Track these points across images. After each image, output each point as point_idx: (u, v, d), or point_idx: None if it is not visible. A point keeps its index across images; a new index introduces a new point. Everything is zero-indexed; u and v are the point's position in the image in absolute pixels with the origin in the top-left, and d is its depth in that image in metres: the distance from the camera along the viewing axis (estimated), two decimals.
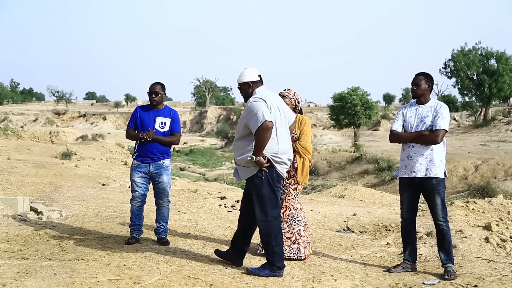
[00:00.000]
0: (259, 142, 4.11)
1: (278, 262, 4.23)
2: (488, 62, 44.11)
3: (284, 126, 4.38)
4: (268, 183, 4.24)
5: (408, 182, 4.69)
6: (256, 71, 4.41)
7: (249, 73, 4.39)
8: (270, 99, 4.26)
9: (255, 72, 4.40)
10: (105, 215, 7.05)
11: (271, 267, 4.23)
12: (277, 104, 4.34)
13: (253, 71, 4.40)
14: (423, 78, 4.68)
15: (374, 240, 6.59)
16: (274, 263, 4.23)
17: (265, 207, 4.26)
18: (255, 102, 4.19)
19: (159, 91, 5.30)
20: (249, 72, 4.40)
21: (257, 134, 4.10)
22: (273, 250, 4.24)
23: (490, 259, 5.30)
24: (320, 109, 75.48)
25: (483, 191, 20.58)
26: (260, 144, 4.11)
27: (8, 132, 23.66)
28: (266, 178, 4.23)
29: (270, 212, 4.26)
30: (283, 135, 4.33)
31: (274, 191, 4.28)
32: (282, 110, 4.39)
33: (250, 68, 4.43)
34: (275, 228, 4.28)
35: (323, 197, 13.00)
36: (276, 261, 4.22)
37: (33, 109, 79.10)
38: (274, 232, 4.26)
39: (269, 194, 4.25)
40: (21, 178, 10.89)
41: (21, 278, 3.72)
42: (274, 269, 4.22)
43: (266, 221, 4.27)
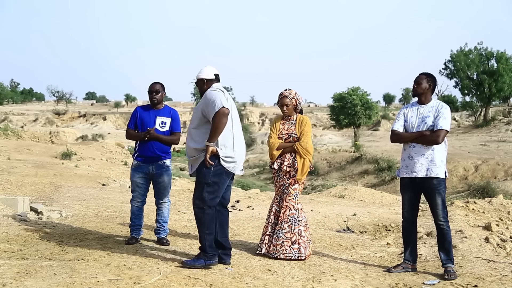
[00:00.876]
0: (215, 127, 4.23)
1: (209, 249, 4.34)
2: (488, 62, 44.13)
3: (238, 122, 4.57)
4: (215, 173, 4.32)
5: (409, 182, 4.69)
6: (213, 70, 4.58)
7: (206, 71, 4.56)
8: (226, 93, 4.45)
9: (212, 71, 4.57)
10: (105, 215, 7.05)
11: (205, 256, 4.34)
12: (232, 103, 4.52)
13: (209, 70, 4.57)
14: (425, 78, 4.68)
15: (374, 240, 6.59)
16: (206, 251, 4.34)
17: (205, 196, 4.34)
18: (213, 91, 4.38)
19: (159, 90, 5.31)
20: (206, 70, 4.57)
21: (214, 119, 4.23)
22: (205, 237, 4.34)
23: (490, 259, 5.30)
24: (320, 109, 75.51)
25: (483, 191, 20.59)
26: (216, 129, 4.23)
27: (8, 132, 23.67)
28: (214, 169, 4.32)
29: (208, 201, 4.34)
30: (238, 130, 4.50)
31: (219, 183, 4.37)
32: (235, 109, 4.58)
33: (208, 67, 4.62)
34: (210, 217, 4.37)
35: (323, 197, 13.00)
36: (208, 249, 4.33)
37: (33, 109, 79.11)
38: (208, 221, 4.36)
39: (214, 184, 4.34)
40: (21, 178, 10.89)
41: (21, 278, 3.72)
42: (208, 257, 4.33)
43: (202, 208, 4.35)
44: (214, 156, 4.31)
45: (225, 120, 4.24)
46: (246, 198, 10.43)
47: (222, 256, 4.55)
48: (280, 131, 5.14)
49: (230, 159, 4.37)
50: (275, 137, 5.11)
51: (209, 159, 4.27)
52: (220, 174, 4.36)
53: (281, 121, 5.21)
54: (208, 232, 4.36)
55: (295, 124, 5.11)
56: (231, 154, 4.37)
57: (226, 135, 4.34)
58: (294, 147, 5.01)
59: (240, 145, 4.51)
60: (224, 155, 4.33)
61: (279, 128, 5.16)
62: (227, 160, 4.35)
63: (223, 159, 4.33)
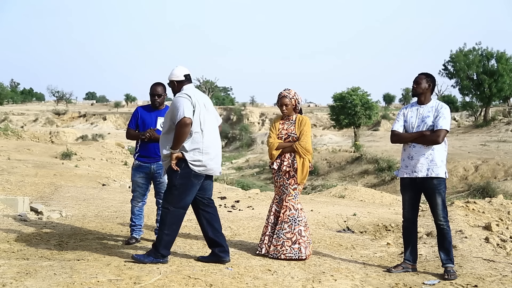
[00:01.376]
0: (176, 136, 4.28)
1: (163, 250, 4.36)
2: (488, 62, 44.12)
3: (211, 123, 4.54)
4: (183, 176, 4.35)
5: (409, 182, 4.69)
6: (183, 71, 4.57)
7: (175, 73, 4.56)
8: (196, 96, 4.43)
9: (182, 72, 4.56)
10: (105, 215, 7.06)
11: (155, 254, 4.35)
12: (204, 102, 4.51)
13: (179, 71, 4.56)
14: (424, 78, 4.68)
15: (374, 240, 6.59)
16: (158, 250, 4.36)
17: (173, 197, 4.39)
18: (179, 97, 4.37)
19: (161, 93, 5.32)
20: (176, 71, 4.57)
21: (175, 128, 4.28)
22: (162, 237, 4.38)
23: (490, 259, 5.30)
24: (320, 109, 75.48)
25: (483, 191, 20.60)
26: (177, 138, 4.28)
27: (8, 132, 23.68)
28: (182, 172, 4.35)
29: (174, 203, 4.39)
30: (210, 132, 4.47)
31: (187, 186, 4.39)
32: (209, 109, 4.56)
33: (178, 67, 4.61)
34: (174, 218, 4.41)
35: (323, 197, 13.00)
36: (161, 249, 4.35)
37: (33, 109, 79.11)
38: (170, 221, 4.40)
39: (180, 187, 4.37)
40: (21, 178, 10.89)
41: (21, 278, 3.72)
42: (158, 256, 4.35)
43: (167, 209, 4.39)
44: (182, 160, 4.34)
45: (186, 130, 4.26)
46: (246, 198, 10.43)
47: (220, 254, 4.56)
48: (279, 131, 5.14)
49: (199, 162, 4.37)
50: (274, 137, 5.11)
51: (175, 163, 4.33)
52: (188, 177, 4.38)
53: (281, 121, 5.21)
54: (167, 232, 4.39)
55: (295, 124, 5.11)
56: (199, 157, 4.37)
57: (195, 139, 4.35)
58: (293, 147, 5.01)
59: (213, 147, 4.48)
60: (191, 159, 4.35)
61: (278, 128, 5.16)
62: (195, 164, 4.37)
63: (191, 163, 4.35)
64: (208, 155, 4.42)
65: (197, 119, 4.36)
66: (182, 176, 4.37)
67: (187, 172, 4.36)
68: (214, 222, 4.63)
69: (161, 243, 4.37)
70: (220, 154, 4.64)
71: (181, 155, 4.34)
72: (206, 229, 4.60)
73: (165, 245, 4.38)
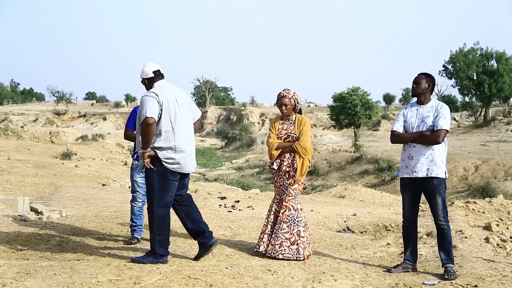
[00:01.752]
0: (142, 136, 4.28)
1: (159, 249, 4.37)
2: (488, 63, 44.10)
3: (184, 119, 4.49)
4: (159, 174, 4.34)
5: (409, 182, 4.69)
6: (152, 68, 4.51)
7: (145, 70, 4.51)
8: (165, 93, 4.37)
9: (151, 68, 4.50)
10: (105, 215, 7.06)
11: (154, 255, 4.37)
12: (176, 98, 4.45)
13: (148, 68, 4.50)
14: (424, 78, 4.68)
15: (374, 240, 6.59)
16: (155, 250, 4.37)
17: (153, 197, 4.39)
18: (145, 97, 4.33)
19: None
20: (145, 69, 4.52)
21: (140, 128, 4.28)
22: (155, 239, 4.39)
23: (490, 259, 5.30)
24: (320, 109, 75.47)
25: (483, 191, 20.58)
26: (143, 138, 4.27)
27: (8, 132, 23.68)
28: (157, 170, 4.33)
29: (156, 203, 4.38)
30: (182, 129, 4.43)
31: (165, 184, 4.38)
32: (183, 104, 4.50)
33: (148, 64, 4.55)
34: (160, 219, 4.41)
35: (323, 197, 13.00)
36: (157, 249, 4.37)
37: (33, 109, 79.10)
38: (157, 222, 4.40)
39: (158, 186, 4.36)
40: (21, 178, 10.89)
41: (21, 278, 3.72)
42: (157, 256, 4.37)
43: (152, 210, 4.40)
44: (157, 158, 4.34)
45: (150, 129, 4.21)
46: (246, 198, 10.43)
47: (204, 241, 4.57)
48: (279, 131, 5.14)
49: (172, 160, 4.36)
50: (274, 137, 5.11)
51: (149, 162, 4.32)
52: (164, 175, 4.37)
53: (280, 121, 5.21)
54: (157, 233, 4.40)
55: (294, 124, 5.11)
56: (172, 156, 4.35)
57: (165, 138, 4.33)
58: (293, 146, 5.01)
59: (185, 145, 4.45)
60: (164, 157, 4.33)
61: (278, 128, 5.16)
62: (168, 162, 4.35)
63: (164, 161, 4.33)
64: (181, 153, 4.39)
65: (166, 118, 4.32)
66: (158, 175, 4.35)
67: (162, 170, 4.35)
68: (191, 213, 4.63)
69: (156, 244, 4.37)
70: (194, 151, 4.60)
71: (153, 153, 4.31)
72: (186, 221, 4.62)
73: (160, 245, 4.38)
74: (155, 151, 4.31)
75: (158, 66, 4.55)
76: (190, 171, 4.59)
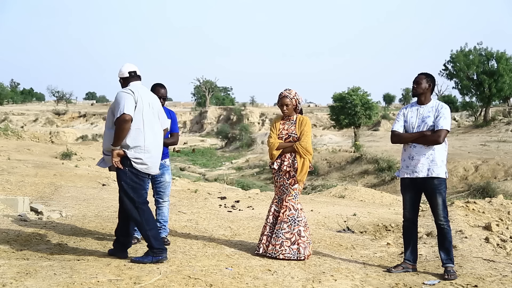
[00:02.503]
0: (116, 132, 4.28)
1: (155, 243, 4.35)
2: (488, 63, 44.10)
3: (155, 123, 4.51)
4: (132, 173, 4.37)
5: (410, 182, 4.68)
6: (128, 68, 4.57)
7: (122, 70, 4.58)
8: (140, 92, 4.42)
9: (127, 69, 4.57)
10: (105, 215, 7.05)
11: (152, 252, 4.35)
12: (149, 101, 4.49)
13: (125, 68, 4.58)
14: (424, 78, 4.68)
15: (374, 240, 6.59)
16: (153, 246, 4.35)
17: (130, 195, 4.39)
18: (122, 93, 4.37)
19: (165, 95, 5.35)
20: (122, 69, 4.59)
21: (115, 124, 4.28)
22: (147, 234, 4.37)
23: (490, 259, 5.30)
24: (320, 109, 75.48)
25: (483, 191, 20.57)
26: (117, 134, 4.27)
27: (8, 132, 23.68)
28: (129, 170, 4.36)
29: (136, 199, 4.39)
30: (151, 130, 4.45)
31: (138, 181, 4.41)
32: (154, 108, 4.53)
33: (125, 65, 4.62)
34: (145, 214, 4.40)
35: (323, 197, 13.00)
36: (155, 245, 4.35)
37: (33, 109, 79.11)
38: (144, 218, 4.40)
39: (132, 184, 4.39)
40: (21, 178, 10.89)
41: (21, 278, 3.72)
42: (156, 253, 4.35)
43: (134, 208, 4.39)
44: (126, 157, 4.34)
45: (126, 126, 4.24)
46: (246, 198, 10.43)
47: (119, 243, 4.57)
48: (280, 131, 5.14)
49: (140, 160, 4.36)
50: (275, 137, 5.11)
51: (120, 161, 4.32)
52: (136, 174, 4.39)
53: (281, 121, 5.21)
54: (148, 228, 4.40)
55: (295, 124, 5.11)
56: (140, 156, 4.36)
57: (135, 137, 4.34)
58: (294, 147, 5.01)
59: (153, 147, 4.46)
60: (132, 156, 4.34)
61: (279, 128, 5.16)
62: (137, 162, 4.36)
63: (133, 161, 4.34)
64: (149, 154, 4.40)
65: (139, 116, 4.34)
66: (132, 173, 4.37)
67: (134, 169, 4.37)
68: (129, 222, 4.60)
69: (150, 239, 4.37)
70: (160, 155, 4.60)
71: (122, 152, 4.33)
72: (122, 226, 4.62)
73: (155, 239, 4.38)
74: (124, 151, 4.32)
75: (135, 67, 4.61)
76: (153, 173, 4.57)
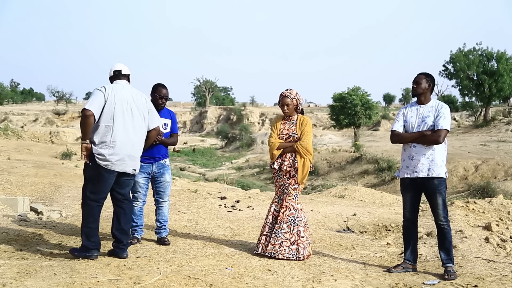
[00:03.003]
0: (80, 127, 4.39)
1: (85, 242, 4.40)
2: (488, 63, 44.08)
3: (129, 120, 4.50)
4: (93, 168, 4.40)
5: (410, 182, 4.68)
6: (114, 67, 4.68)
7: (110, 70, 4.71)
8: (116, 89, 4.48)
9: (113, 68, 4.69)
10: (105, 215, 7.03)
11: (81, 248, 4.43)
12: (127, 99, 4.51)
13: (112, 67, 4.70)
14: (424, 78, 4.68)
15: (374, 240, 6.59)
16: (82, 243, 4.42)
17: (85, 189, 4.46)
18: (96, 89, 4.47)
19: (167, 96, 5.35)
20: (111, 68, 4.71)
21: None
22: (82, 230, 4.46)
23: (490, 259, 5.30)
24: (320, 109, 75.45)
25: (483, 191, 20.57)
26: (81, 129, 4.37)
27: (8, 132, 23.69)
28: (92, 164, 4.41)
29: (88, 195, 4.44)
30: (123, 127, 4.44)
31: (99, 178, 4.42)
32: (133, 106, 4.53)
33: (114, 65, 4.72)
34: (89, 210, 4.44)
35: (323, 197, 13.00)
36: (83, 242, 4.40)
37: (33, 109, 79.07)
38: (85, 215, 4.45)
39: (91, 179, 4.43)
40: (21, 178, 10.89)
41: (21, 278, 3.72)
42: (83, 249, 4.41)
43: (83, 202, 4.47)
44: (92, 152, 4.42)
45: (87, 121, 4.29)
46: (246, 198, 10.43)
47: (115, 249, 4.58)
48: (280, 131, 5.14)
49: (102, 157, 4.38)
50: (275, 136, 5.12)
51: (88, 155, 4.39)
52: (97, 169, 4.39)
53: (282, 121, 5.21)
54: (84, 225, 4.45)
55: (296, 124, 5.12)
56: (104, 152, 4.37)
57: (103, 133, 4.38)
58: (294, 146, 5.01)
59: (123, 143, 4.44)
60: (96, 152, 4.38)
61: (279, 128, 5.16)
62: (99, 158, 4.38)
63: (96, 156, 4.38)
64: (113, 150, 4.39)
65: (108, 112, 4.38)
66: (92, 168, 4.40)
67: (96, 165, 4.39)
68: (121, 219, 4.63)
69: (82, 235, 4.44)
70: (133, 156, 4.54)
71: (89, 147, 4.38)
72: (113, 223, 4.64)
73: (85, 237, 4.41)
74: (92, 146, 4.39)
75: (121, 66, 4.69)
76: (125, 171, 4.52)
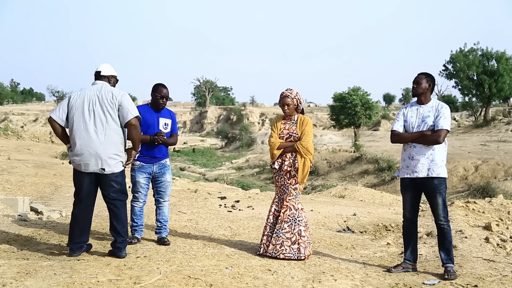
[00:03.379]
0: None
1: (70, 243, 4.55)
2: (488, 63, 44.08)
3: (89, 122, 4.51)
4: (74, 170, 4.63)
5: (410, 182, 4.68)
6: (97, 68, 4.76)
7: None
8: (82, 92, 4.60)
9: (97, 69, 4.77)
10: (105, 215, 7.04)
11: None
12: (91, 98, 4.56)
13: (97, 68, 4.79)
14: (424, 77, 4.68)
15: (374, 240, 6.58)
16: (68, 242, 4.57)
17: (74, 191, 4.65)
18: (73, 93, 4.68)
19: (168, 95, 5.35)
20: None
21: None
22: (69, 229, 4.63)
23: (490, 259, 5.30)
24: (320, 109, 75.46)
25: (483, 191, 20.57)
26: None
27: (8, 132, 23.70)
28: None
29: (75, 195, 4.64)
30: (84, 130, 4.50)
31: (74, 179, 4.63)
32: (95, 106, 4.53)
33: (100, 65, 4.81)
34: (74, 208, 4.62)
35: (323, 197, 13.00)
36: (69, 242, 4.57)
37: (33, 109, 79.06)
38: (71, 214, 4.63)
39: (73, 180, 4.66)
40: (21, 178, 10.89)
41: (21, 278, 3.72)
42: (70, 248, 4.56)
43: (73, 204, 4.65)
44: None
45: (52, 127, 4.60)
46: (246, 198, 10.43)
47: (112, 249, 4.63)
48: (281, 131, 5.14)
49: (72, 158, 4.58)
50: (276, 136, 5.12)
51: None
52: (74, 172, 4.65)
53: (282, 120, 5.21)
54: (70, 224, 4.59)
55: (296, 124, 5.12)
56: (71, 154, 4.59)
57: (71, 137, 4.59)
58: (295, 146, 5.01)
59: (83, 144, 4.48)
60: (70, 154, 4.62)
61: (280, 128, 5.16)
62: (71, 160, 4.60)
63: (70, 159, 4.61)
64: (75, 152, 4.53)
65: (71, 117, 4.55)
66: (73, 171, 4.65)
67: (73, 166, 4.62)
68: (112, 218, 4.67)
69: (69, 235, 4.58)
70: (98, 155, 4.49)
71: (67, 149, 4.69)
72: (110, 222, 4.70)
73: (70, 238, 4.56)
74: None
75: (102, 68, 4.74)
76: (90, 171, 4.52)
